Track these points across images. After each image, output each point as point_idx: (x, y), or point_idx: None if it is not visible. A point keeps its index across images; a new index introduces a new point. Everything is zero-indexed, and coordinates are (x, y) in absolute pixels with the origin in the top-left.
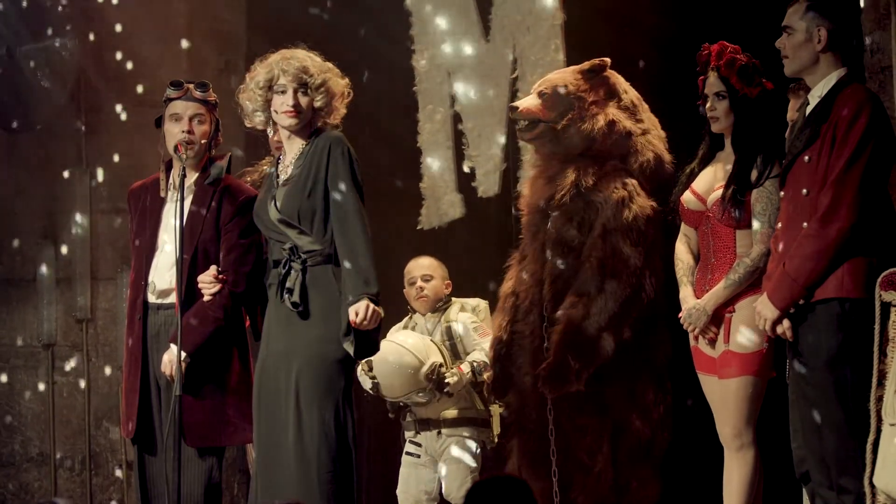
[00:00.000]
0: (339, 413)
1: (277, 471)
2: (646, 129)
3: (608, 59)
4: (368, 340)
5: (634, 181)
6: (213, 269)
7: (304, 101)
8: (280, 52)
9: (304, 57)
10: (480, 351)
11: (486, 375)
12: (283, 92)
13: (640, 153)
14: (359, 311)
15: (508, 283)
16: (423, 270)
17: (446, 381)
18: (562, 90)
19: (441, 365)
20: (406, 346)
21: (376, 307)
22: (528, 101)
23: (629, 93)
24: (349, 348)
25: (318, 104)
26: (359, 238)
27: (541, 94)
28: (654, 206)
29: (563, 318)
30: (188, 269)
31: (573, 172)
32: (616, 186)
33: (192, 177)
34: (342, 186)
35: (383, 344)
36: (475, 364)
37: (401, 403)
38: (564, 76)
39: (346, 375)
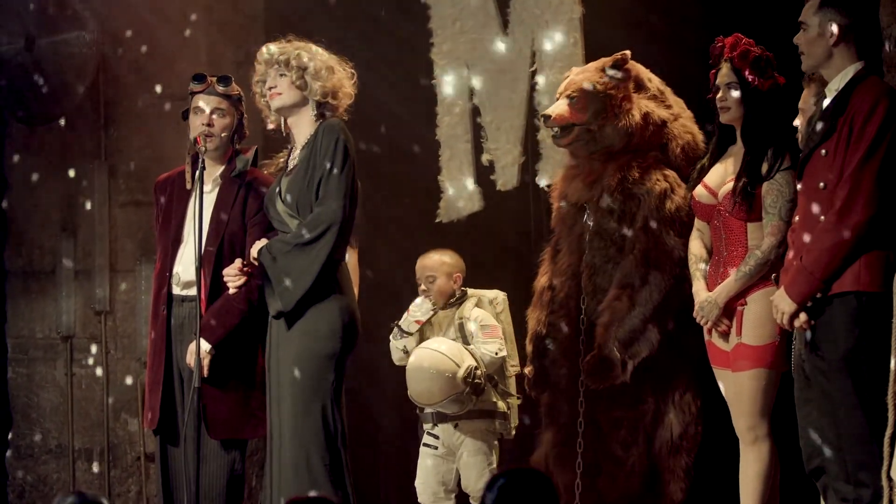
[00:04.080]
0: (329, 408)
1: (276, 464)
2: (676, 113)
3: (629, 52)
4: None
5: (674, 173)
6: (238, 261)
7: (282, 82)
8: None
9: (276, 44)
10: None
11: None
12: (265, 81)
13: (678, 137)
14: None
15: (543, 277)
16: (427, 271)
17: (478, 382)
18: (590, 91)
19: (476, 368)
20: (441, 352)
21: (255, 264)
22: (559, 108)
23: (653, 80)
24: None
25: (297, 82)
26: (323, 215)
27: (569, 98)
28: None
29: (607, 310)
30: (214, 262)
31: (617, 171)
32: (657, 178)
33: (216, 170)
34: (326, 167)
35: (417, 350)
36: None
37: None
38: (589, 76)
39: (337, 371)
